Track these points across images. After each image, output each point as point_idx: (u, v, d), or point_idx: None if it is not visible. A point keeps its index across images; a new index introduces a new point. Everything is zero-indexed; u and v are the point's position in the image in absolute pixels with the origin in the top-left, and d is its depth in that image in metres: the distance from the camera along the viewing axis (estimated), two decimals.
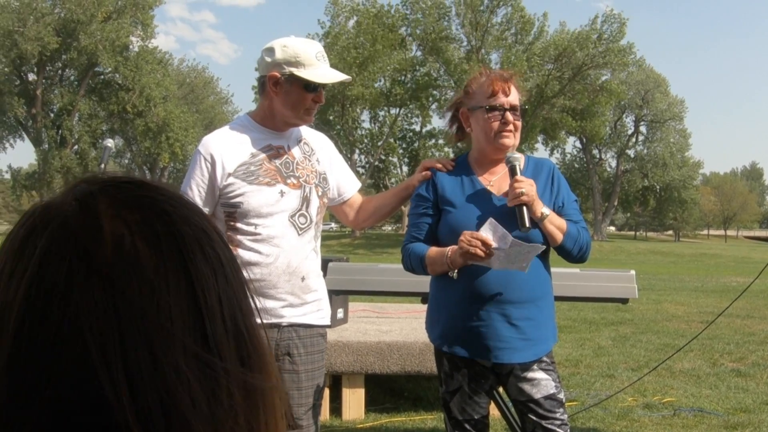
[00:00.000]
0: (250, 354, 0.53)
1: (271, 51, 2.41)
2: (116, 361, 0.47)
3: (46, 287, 0.49)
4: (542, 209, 2.38)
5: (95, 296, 0.48)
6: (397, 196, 2.75)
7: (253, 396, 0.52)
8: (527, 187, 2.35)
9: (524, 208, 2.35)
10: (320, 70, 2.40)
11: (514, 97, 2.48)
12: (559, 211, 2.49)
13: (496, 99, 2.45)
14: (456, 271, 2.40)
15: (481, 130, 2.49)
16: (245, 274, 0.56)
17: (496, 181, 2.52)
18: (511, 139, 2.48)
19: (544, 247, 2.41)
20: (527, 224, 2.34)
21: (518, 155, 2.45)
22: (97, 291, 0.48)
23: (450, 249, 2.39)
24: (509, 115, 2.45)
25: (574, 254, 2.47)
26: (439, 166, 2.59)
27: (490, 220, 2.33)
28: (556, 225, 2.41)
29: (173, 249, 0.51)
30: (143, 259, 0.50)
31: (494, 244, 2.30)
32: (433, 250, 2.46)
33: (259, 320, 0.56)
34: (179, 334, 0.49)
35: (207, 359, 0.50)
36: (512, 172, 2.42)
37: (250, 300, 0.56)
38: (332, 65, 2.50)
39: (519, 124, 2.50)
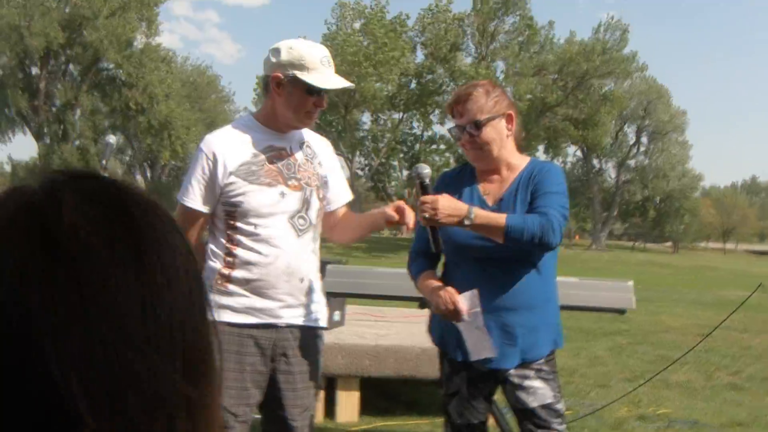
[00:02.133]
0: (199, 368, 0.52)
1: (277, 51, 2.41)
2: (65, 342, 0.46)
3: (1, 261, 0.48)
4: (465, 220, 2.28)
5: (51, 276, 0.47)
6: (366, 228, 2.64)
7: (195, 410, 0.51)
8: (431, 210, 2.28)
9: (429, 231, 2.35)
10: (324, 76, 2.40)
11: (470, 114, 2.43)
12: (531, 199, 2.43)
13: (453, 121, 2.51)
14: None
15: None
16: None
17: (491, 189, 2.52)
18: (481, 160, 2.49)
19: (493, 355, 2.39)
20: (434, 248, 2.37)
21: (427, 170, 2.41)
22: (52, 269, 0.48)
23: (433, 291, 2.42)
24: (465, 135, 2.46)
25: (528, 243, 2.29)
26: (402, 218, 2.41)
27: (474, 292, 2.35)
28: (486, 225, 2.30)
29: (129, 252, 0.50)
30: (100, 256, 0.49)
31: (465, 317, 2.36)
32: (423, 281, 2.50)
33: (215, 338, 0.55)
34: (129, 329, 0.48)
35: (153, 359, 0.49)
36: (421, 189, 2.38)
37: (209, 314, 0.55)
38: (339, 68, 2.49)
39: (482, 138, 2.44)
